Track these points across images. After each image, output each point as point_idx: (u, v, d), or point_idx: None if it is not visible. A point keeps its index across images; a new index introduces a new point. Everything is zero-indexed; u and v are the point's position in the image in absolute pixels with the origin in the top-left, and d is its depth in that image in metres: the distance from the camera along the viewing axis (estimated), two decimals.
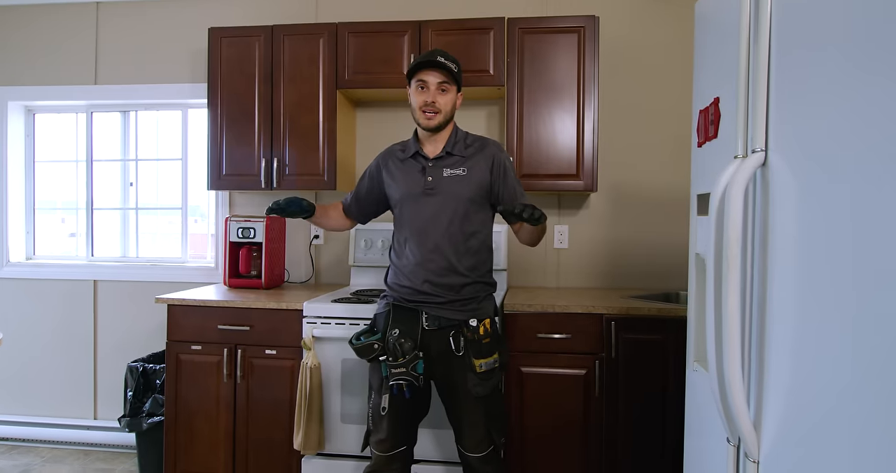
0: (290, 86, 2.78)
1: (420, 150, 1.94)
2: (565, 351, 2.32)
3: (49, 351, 3.28)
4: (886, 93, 0.70)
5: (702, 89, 1.34)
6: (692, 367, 1.36)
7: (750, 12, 1.06)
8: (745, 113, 1.06)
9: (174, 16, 3.20)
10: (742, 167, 0.99)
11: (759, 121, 1.01)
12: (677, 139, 2.86)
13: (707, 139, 1.26)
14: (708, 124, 1.24)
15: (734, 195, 0.96)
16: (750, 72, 1.05)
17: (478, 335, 1.80)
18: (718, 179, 1.04)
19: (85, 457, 3.06)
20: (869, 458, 0.72)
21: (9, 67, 3.32)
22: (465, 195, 1.87)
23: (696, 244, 1.35)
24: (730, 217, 0.96)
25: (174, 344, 2.53)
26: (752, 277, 1.03)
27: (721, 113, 1.19)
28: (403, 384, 1.76)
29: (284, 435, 2.45)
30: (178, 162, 3.32)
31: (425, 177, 1.89)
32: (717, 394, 1.04)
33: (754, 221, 1.02)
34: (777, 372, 0.95)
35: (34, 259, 3.41)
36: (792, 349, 0.91)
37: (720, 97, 1.20)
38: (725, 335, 0.99)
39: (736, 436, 1.06)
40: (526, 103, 2.65)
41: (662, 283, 2.87)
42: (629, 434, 2.28)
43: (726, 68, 1.18)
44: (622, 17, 2.90)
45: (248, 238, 2.83)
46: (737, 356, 0.97)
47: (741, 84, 1.06)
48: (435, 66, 1.85)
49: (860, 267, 0.74)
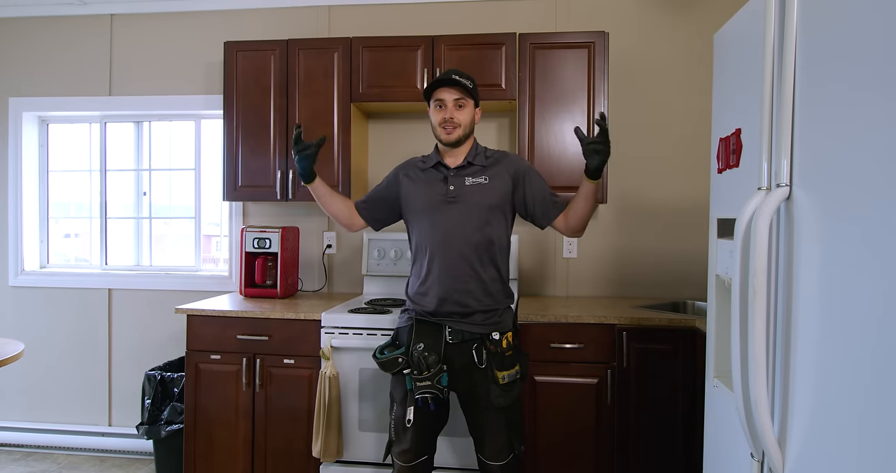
0: (305, 99, 2.83)
1: (441, 161, 2.00)
2: (578, 360, 2.39)
3: (64, 358, 3.32)
4: None
5: (722, 117, 1.41)
6: (712, 383, 1.43)
7: (774, 44, 1.11)
8: (768, 146, 1.12)
9: (187, 28, 3.25)
10: (767, 200, 1.05)
11: (784, 154, 1.07)
12: (683, 151, 2.93)
13: (728, 167, 1.33)
14: (729, 153, 1.31)
15: (760, 228, 1.03)
16: (774, 105, 1.11)
17: (500, 348, 1.86)
18: (743, 210, 1.10)
19: (101, 464, 3.10)
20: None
21: (23, 78, 3.35)
22: (487, 203, 1.93)
23: (717, 265, 1.41)
24: (756, 248, 1.02)
25: (193, 354, 2.58)
26: (777, 301, 1.09)
27: (743, 144, 1.25)
28: (429, 397, 1.81)
29: (302, 443, 2.50)
30: (191, 172, 3.36)
31: (447, 185, 1.95)
32: (742, 412, 1.11)
33: (778, 250, 1.09)
34: (802, 391, 1.01)
35: (48, 267, 3.45)
36: (816, 368, 0.97)
37: (742, 128, 1.26)
38: (751, 356, 1.05)
39: (760, 451, 1.12)
40: (537, 117, 2.71)
41: (669, 292, 2.94)
42: (641, 442, 2.35)
43: (748, 99, 1.24)
44: (630, 31, 2.96)
45: (263, 248, 2.88)
46: (763, 377, 1.03)
47: (765, 117, 1.12)
48: (450, 84, 1.92)
49: (884, 296, 0.80)
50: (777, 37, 1.11)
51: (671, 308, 2.77)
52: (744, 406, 1.10)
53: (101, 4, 3.25)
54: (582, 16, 3.00)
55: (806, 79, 1.03)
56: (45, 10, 3.30)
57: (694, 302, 2.82)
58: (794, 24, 1.05)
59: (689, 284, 2.93)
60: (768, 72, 1.12)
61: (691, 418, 2.31)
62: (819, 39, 0.98)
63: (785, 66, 1.07)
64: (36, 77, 3.34)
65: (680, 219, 2.94)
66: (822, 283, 0.95)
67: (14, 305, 3.35)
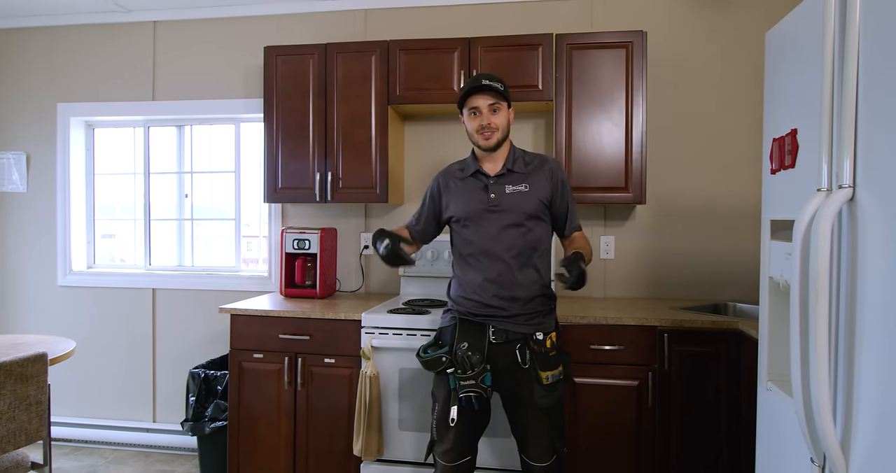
0: (343, 102, 2.87)
1: (480, 169, 2.01)
2: (618, 362, 2.38)
3: (110, 356, 3.42)
4: None
5: (775, 118, 1.39)
6: (766, 386, 1.41)
7: (834, 41, 1.09)
8: (828, 146, 1.10)
9: (227, 34, 3.31)
10: (828, 202, 1.04)
11: (846, 154, 1.05)
12: (721, 151, 2.89)
13: (783, 167, 1.31)
14: (784, 154, 1.29)
15: (822, 231, 1.01)
16: (834, 103, 1.09)
17: (544, 348, 1.86)
18: (802, 212, 1.09)
19: (146, 459, 3.18)
20: None
21: (70, 84, 3.46)
22: (527, 211, 1.94)
23: (769, 267, 1.40)
24: (818, 251, 1.01)
25: (237, 352, 2.64)
26: (839, 303, 1.08)
27: (799, 144, 1.24)
28: (473, 396, 1.83)
29: (343, 442, 2.54)
30: (231, 174, 3.43)
31: (488, 194, 1.96)
32: (802, 416, 1.09)
33: (840, 253, 1.07)
34: (867, 395, 1.00)
35: (94, 268, 3.55)
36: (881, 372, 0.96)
37: (798, 128, 1.25)
38: (812, 360, 1.04)
39: (821, 456, 1.11)
40: (574, 117, 2.70)
41: (710, 294, 2.90)
42: (683, 445, 2.33)
43: (805, 98, 1.23)
44: (667, 30, 2.94)
45: (303, 249, 2.93)
46: (825, 381, 1.02)
47: (824, 116, 1.11)
48: (482, 90, 1.92)
49: None
50: (837, 33, 1.09)
51: (712, 309, 2.74)
52: (804, 410, 1.08)
53: (144, 12, 3.34)
54: (618, 15, 2.99)
55: (869, 76, 1.01)
56: (91, 18, 3.40)
57: (735, 304, 2.78)
58: (857, 18, 1.03)
59: (728, 285, 2.89)
60: (828, 69, 1.10)
61: (735, 421, 2.28)
62: (882, 34, 0.97)
63: (847, 63, 1.05)
64: (83, 83, 3.45)
65: (719, 220, 2.90)
66: (887, 286, 0.94)
67: (63, 304, 3.47)
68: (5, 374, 2.02)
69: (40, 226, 3.49)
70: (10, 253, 3.53)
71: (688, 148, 2.93)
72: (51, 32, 3.48)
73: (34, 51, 3.50)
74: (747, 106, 2.87)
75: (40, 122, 3.49)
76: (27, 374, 2.09)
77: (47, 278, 3.48)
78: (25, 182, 3.49)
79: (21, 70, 3.51)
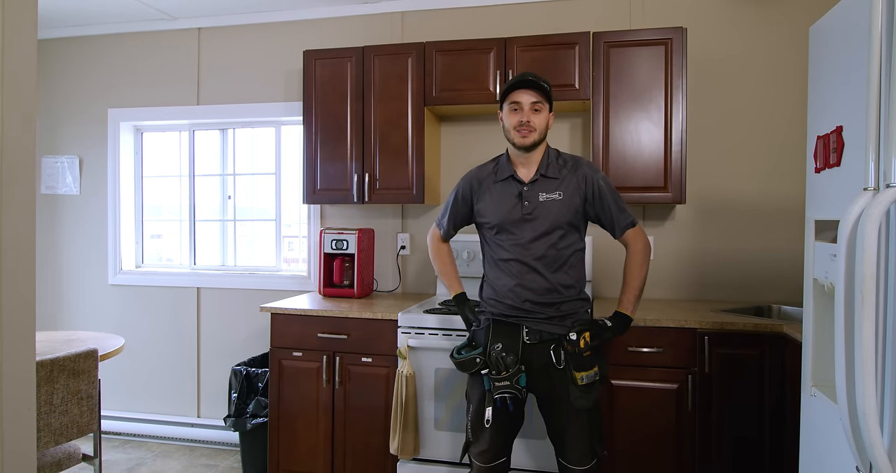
0: (380, 104, 2.91)
1: (514, 174, 1.98)
2: (656, 364, 2.34)
3: (157, 353, 3.54)
4: None
5: (819, 115, 1.35)
6: (810, 391, 1.37)
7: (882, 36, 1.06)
8: (875, 144, 1.07)
9: (268, 39, 3.39)
10: (876, 201, 1.00)
11: (893, 152, 1.02)
12: (764, 150, 2.81)
13: (827, 166, 1.27)
14: (829, 152, 1.25)
15: (868, 231, 0.98)
16: (882, 101, 1.05)
17: (578, 348, 1.85)
18: (848, 212, 1.05)
19: (191, 453, 3.29)
20: None
21: (120, 90, 3.60)
22: (562, 219, 1.91)
23: (814, 269, 1.35)
24: (864, 252, 0.98)
25: (277, 351, 2.70)
26: (886, 306, 1.04)
27: (845, 142, 1.20)
28: (507, 397, 1.83)
29: (380, 440, 2.57)
30: (271, 176, 3.51)
31: (522, 202, 1.94)
32: (848, 423, 1.06)
33: (887, 254, 1.03)
34: None
35: (143, 267, 3.69)
36: None
37: (843, 126, 1.21)
38: (858, 365, 1.00)
39: (867, 464, 1.07)
40: (612, 117, 2.67)
41: (752, 296, 2.82)
42: (724, 450, 2.27)
43: (851, 95, 1.19)
44: (706, 26, 2.87)
45: (341, 249, 2.97)
46: (872, 386, 0.99)
47: (871, 113, 1.07)
48: (528, 86, 1.90)
49: None
50: (884, 26, 1.05)
51: (754, 312, 2.67)
52: (849, 417, 1.05)
53: (189, 19, 3.45)
54: (656, 12, 2.93)
55: None
56: (139, 26, 3.53)
57: (780, 306, 2.70)
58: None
59: (772, 287, 2.81)
60: (874, 64, 1.07)
61: (778, 427, 2.22)
62: None
63: (894, 57, 1.01)
64: (132, 89, 3.59)
65: (762, 220, 2.82)
66: None
67: (113, 302, 3.61)
68: (59, 369, 2.12)
69: (92, 227, 3.64)
70: (65, 253, 3.69)
71: (730, 147, 2.86)
72: (102, 41, 3.63)
73: (88, 59, 3.65)
74: (791, 102, 2.78)
75: (92, 127, 3.64)
76: (79, 369, 2.19)
77: (99, 277, 3.63)
78: (79, 184, 3.65)
79: (76, 77, 3.67)
